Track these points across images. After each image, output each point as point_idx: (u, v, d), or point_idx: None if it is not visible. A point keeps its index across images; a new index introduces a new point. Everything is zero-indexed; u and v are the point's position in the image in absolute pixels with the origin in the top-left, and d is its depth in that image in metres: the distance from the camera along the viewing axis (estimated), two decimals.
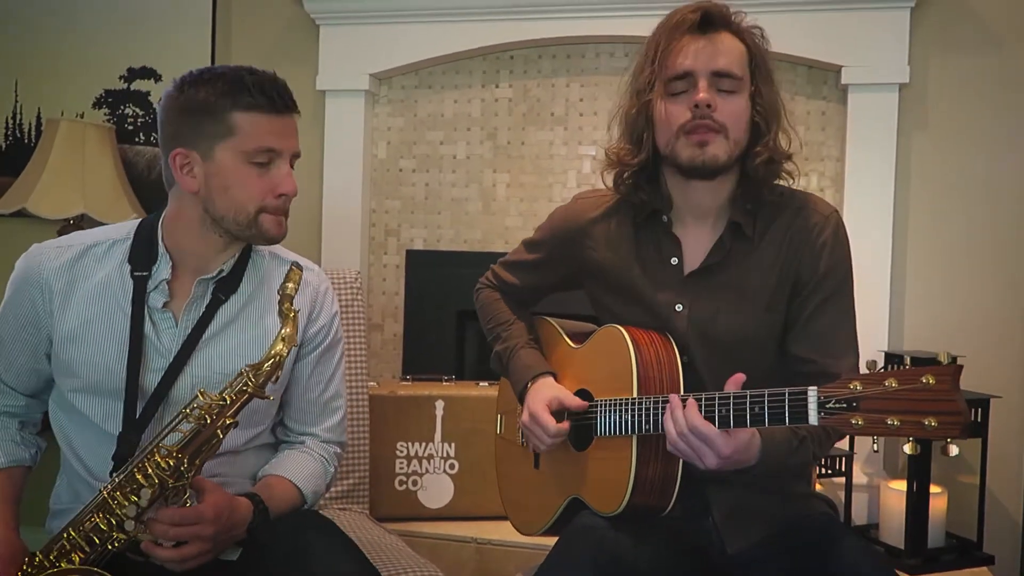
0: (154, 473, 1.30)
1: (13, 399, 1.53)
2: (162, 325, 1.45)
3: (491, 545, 2.28)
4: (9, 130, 3.08)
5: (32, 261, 1.47)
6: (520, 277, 1.68)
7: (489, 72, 2.78)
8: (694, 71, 1.36)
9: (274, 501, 1.44)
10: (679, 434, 1.24)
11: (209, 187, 1.40)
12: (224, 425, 1.31)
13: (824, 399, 1.12)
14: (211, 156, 1.38)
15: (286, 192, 1.41)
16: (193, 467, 1.31)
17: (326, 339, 1.59)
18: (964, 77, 2.45)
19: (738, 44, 1.39)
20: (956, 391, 1.03)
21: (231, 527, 1.34)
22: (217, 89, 1.37)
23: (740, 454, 1.25)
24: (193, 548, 1.30)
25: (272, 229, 1.42)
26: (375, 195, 2.87)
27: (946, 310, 2.47)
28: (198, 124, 1.38)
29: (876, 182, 2.45)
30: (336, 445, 1.63)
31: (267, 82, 1.39)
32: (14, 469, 1.50)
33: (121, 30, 2.99)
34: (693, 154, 1.36)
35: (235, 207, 1.40)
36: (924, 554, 2.15)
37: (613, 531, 1.36)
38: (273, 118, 1.39)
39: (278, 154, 1.40)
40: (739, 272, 1.42)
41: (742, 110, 1.37)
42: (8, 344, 1.49)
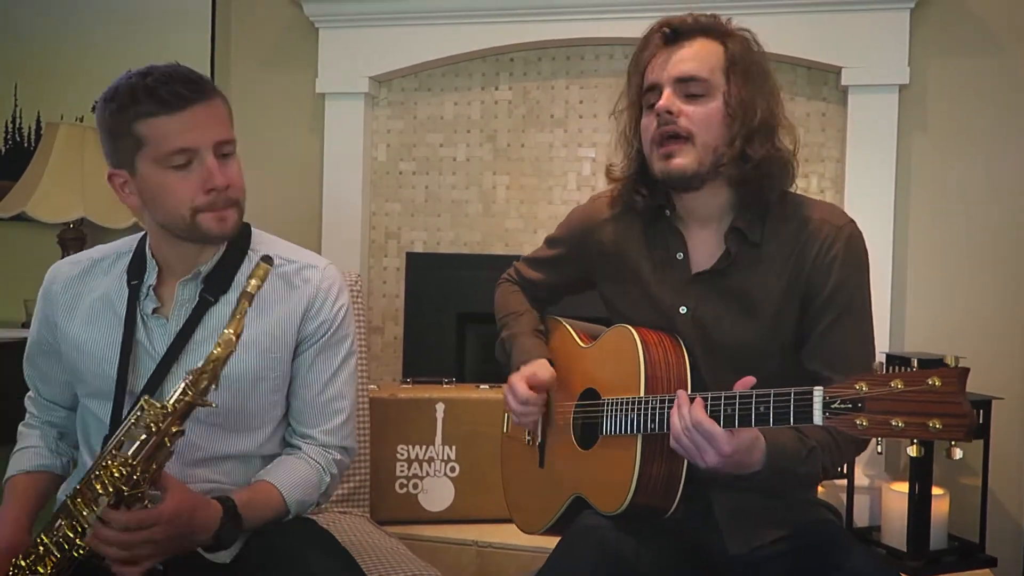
0: (109, 482, 1.28)
1: (54, 412, 1.58)
2: (156, 330, 1.45)
3: (492, 548, 2.27)
4: (8, 134, 3.08)
5: (48, 276, 1.54)
6: (541, 273, 1.70)
7: (489, 74, 2.78)
8: (659, 82, 1.38)
9: (252, 507, 1.39)
10: (683, 429, 1.23)
11: (144, 200, 1.39)
12: (172, 434, 1.27)
13: (829, 399, 1.12)
14: (136, 171, 1.37)
15: (215, 186, 1.35)
16: (147, 474, 1.28)
17: (325, 335, 1.53)
18: (964, 78, 2.45)
19: (713, 48, 1.38)
20: (962, 393, 1.02)
21: (192, 530, 1.30)
22: (116, 105, 1.34)
23: (742, 455, 1.23)
24: (145, 551, 1.26)
25: (213, 227, 1.38)
26: (375, 198, 2.87)
27: (947, 311, 2.46)
28: (114, 143, 1.37)
29: (876, 183, 2.45)
30: (337, 451, 1.56)
31: (158, 82, 1.32)
32: (40, 474, 1.52)
33: (120, 33, 2.99)
34: (662, 167, 1.38)
35: (171, 214, 1.37)
36: (926, 556, 2.15)
37: (615, 532, 1.35)
38: (173, 117, 1.32)
39: (193, 151, 1.34)
40: (745, 279, 1.41)
41: (711, 114, 1.36)
42: (38, 360, 1.56)
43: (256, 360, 1.46)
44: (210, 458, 1.46)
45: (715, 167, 1.37)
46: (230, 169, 1.39)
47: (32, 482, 1.51)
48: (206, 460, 1.46)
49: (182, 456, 1.41)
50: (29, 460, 1.53)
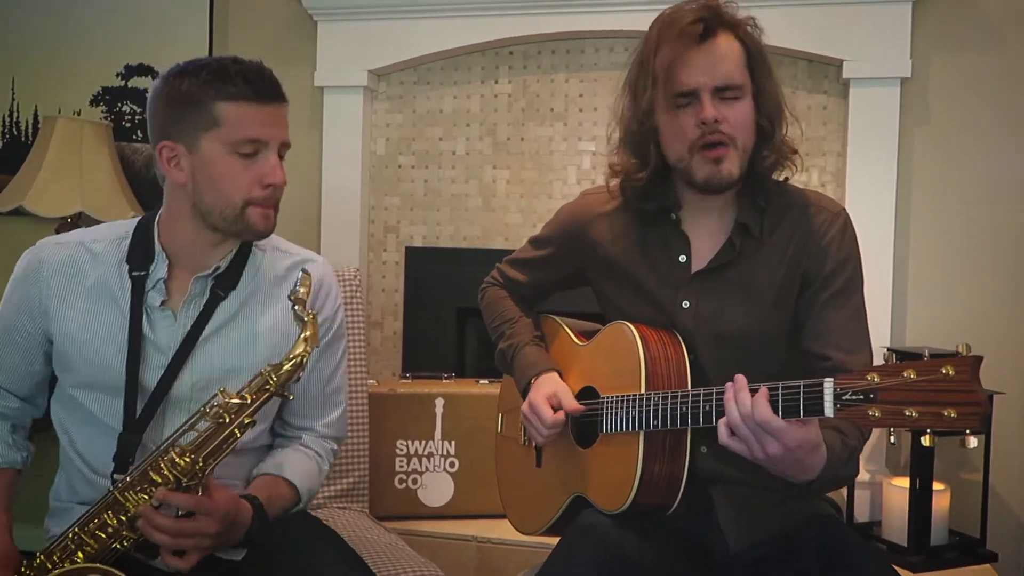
0: (168, 472, 1.29)
1: (6, 401, 1.52)
2: (161, 324, 1.44)
3: (491, 544, 2.27)
4: (6, 128, 3.07)
5: (32, 258, 1.48)
6: (527, 274, 1.67)
7: (488, 68, 2.76)
8: (697, 88, 1.35)
9: (272, 502, 1.43)
10: (743, 417, 1.16)
11: (196, 180, 1.38)
12: (242, 424, 1.30)
13: (840, 391, 1.10)
14: (197, 148, 1.37)
15: (274, 183, 1.39)
16: (208, 466, 1.30)
17: (328, 333, 1.55)
18: (966, 71, 2.43)
19: (735, 45, 1.37)
20: (976, 381, 1.01)
21: (233, 528, 1.33)
22: (200, 79, 1.35)
23: (805, 452, 1.17)
24: (193, 542, 1.28)
25: (259, 223, 1.40)
26: (374, 192, 2.86)
27: (949, 305, 2.46)
28: (183, 116, 1.36)
29: (878, 177, 2.44)
30: (334, 441, 1.61)
31: (251, 71, 1.36)
32: (5, 471, 1.50)
33: (118, 27, 2.97)
34: (710, 173, 1.36)
35: (222, 199, 1.38)
36: (927, 551, 2.14)
37: (617, 529, 1.35)
38: (258, 107, 1.36)
39: (264, 144, 1.37)
40: (746, 269, 1.41)
41: (747, 115, 1.37)
42: (3, 346, 1.49)
43: (262, 354, 1.46)
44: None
45: (750, 167, 1.39)
46: (282, 171, 1.41)
47: (1, 479, 1.48)
48: None
49: None
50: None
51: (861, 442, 1.33)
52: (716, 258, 1.42)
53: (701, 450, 1.39)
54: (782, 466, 1.19)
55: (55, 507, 1.52)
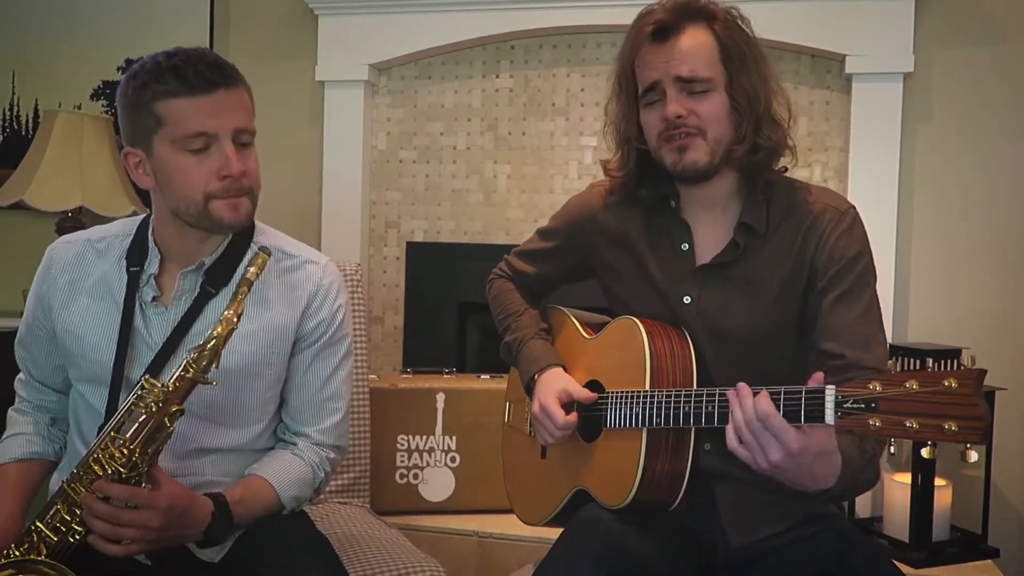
0: (107, 464, 1.28)
1: (46, 395, 1.56)
2: (154, 319, 1.44)
3: (493, 538, 2.27)
4: (6, 122, 3.06)
5: (46, 257, 1.52)
6: (535, 266, 1.67)
7: (489, 62, 2.76)
8: (659, 82, 1.36)
9: (245, 503, 1.39)
10: (746, 421, 1.16)
11: (159, 182, 1.38)
12: (171, 413, 1.28)
13: (842, 398, 1.09)
14: (152, 151, 1.36)
15: (230, 173, 1.34)
16: (146, 457, 1.28)
17: (325, 335, 1.53)
18: (969, 66, 2.43)
19: (705, 39, 1.36)
20: (979, 395, 1.00)
21: (184, 524, 1.30)
22: (140, 82, 1.33)
23: (810, 458, 1.15)
24: (132, 532, 1.26)
25: (226, 215, 1.36)
26: (375, 186, 2.85)
27: (950, 301, 2.45)
28: (134, 121, 1.35)
29: (880, 172, 2.43)
30: (331, 450, 1.56)
31: (185, 63, 1.31)
32: (32, 462, 1.51)
33: (119, 21, 2.97)
34: (674, 160, 1.37)
35: (183, 198, 1.36)
36: (929, 547, 2.14)
37: (618, 524, 1.35)
38: (196, 99, 1.31)
39: (213, 136, 1.33)
40: (749, 266, 1.41)
41: (718, 108, 1.36)
42: (30, 342, 1.53)
43: (254, 354, 1.45)
44: (202, 450, 1.45)
45: (727, 157, 1.38)
46: (247, 158, 1.38)
47: (24, 470, 1.49)
48: (199, 452, 1.45)
49: (174, 448, 1.41)
50: (20, 448, 1.51)
51: (880, 448, 1.31)
52: (720, 255, 1.41)
53: (705, 447, 1.39)
54: (790, 474, 1.17)
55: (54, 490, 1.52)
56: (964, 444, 2.06)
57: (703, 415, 1.27)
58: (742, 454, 1.18)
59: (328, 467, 1.55)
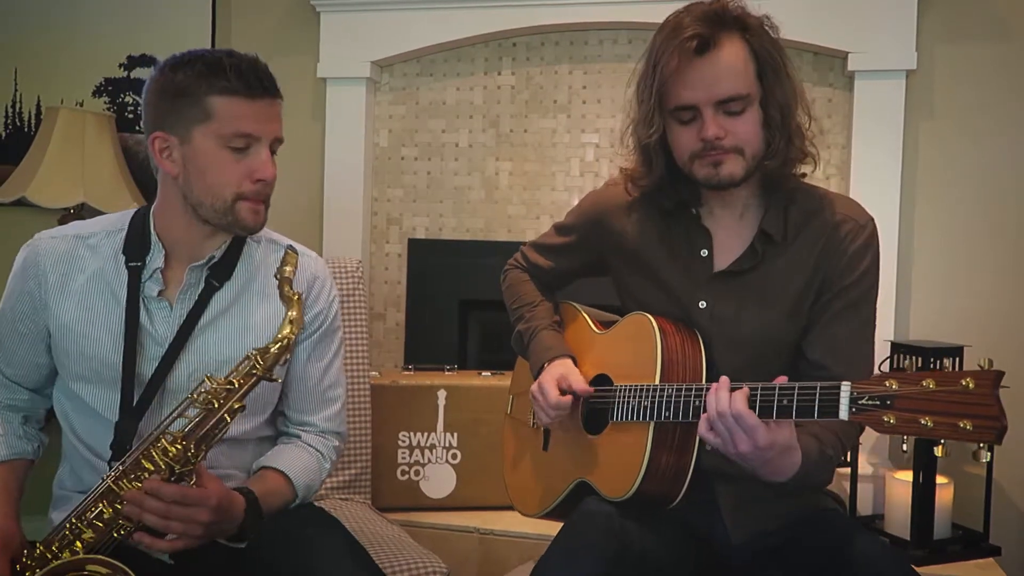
0: (160, 460, 1.29)
1: (17, 393, 1.53)
2: (158, 314, 1.44)
3: (494, 535, 2.27)
4: (9, 119, 3.06)
5: (30, 252, 1.48)
6: (549, 260, 1.68)
7: (491, 59, 2.75)
8: (697, 104, 1.33)
9: (267, 497, 1.42)
10: (719, 414, 1.19)
11: (187, 171, 1.39)
12: (231, 409, 1.31)
13: (857, 395, 1.10)
14: (189, 140, 1.37)
15: (264, 178, 1.39)
16: (200, 452, 1.30)
17: (322, 326, 1.56)
18: (972, 64, 2.42)
19: (740, 53, 1.33)
20: (995, 396, 1.02)
21: (226, 519, 1.32)
22: (195, 72, 1.35)
23: (777, 455, 1.20)
24: (181, 527, 1.27)
25: (248, 217, 1.40)
26: (377, 183, 2.85)
27: (953, 299, 2.45)
28: (176, 107, 1.37)
29: (882, 170, 2.43)
30: (334, 437, 1.60)
31: (245, 65, 1.37)
32: (16, 462, 1.50)
33: (121, 18, 2.97)
34: (708, 174, 1.36)
35: (212, 193, 1.38)
36: (930, 545, 2.14)
37: (619, 519, 1.35)
38: (250, 102, 1.36)
39: (256, 139, 1.38)
40: (766, 274, 1.40)
41: (754, 124, 1.35)
42: (8, 338, 1.50)
43: (254, 343, 1.44)
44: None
45: (758, 167, 1.38)
46: (273, 167, 1.42)
47: (7, 473, 1.48)
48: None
49: None
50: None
51: (838, 452, 1.33)
52: (737, 262, 1.41)
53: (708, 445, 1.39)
54: (753, 464, 1.21)
55: (59, 495, 1.53)
56: (978, 444, 2.07)
57: None
58: (712, 440, 1.22)
59: (333, 455, 1.59)
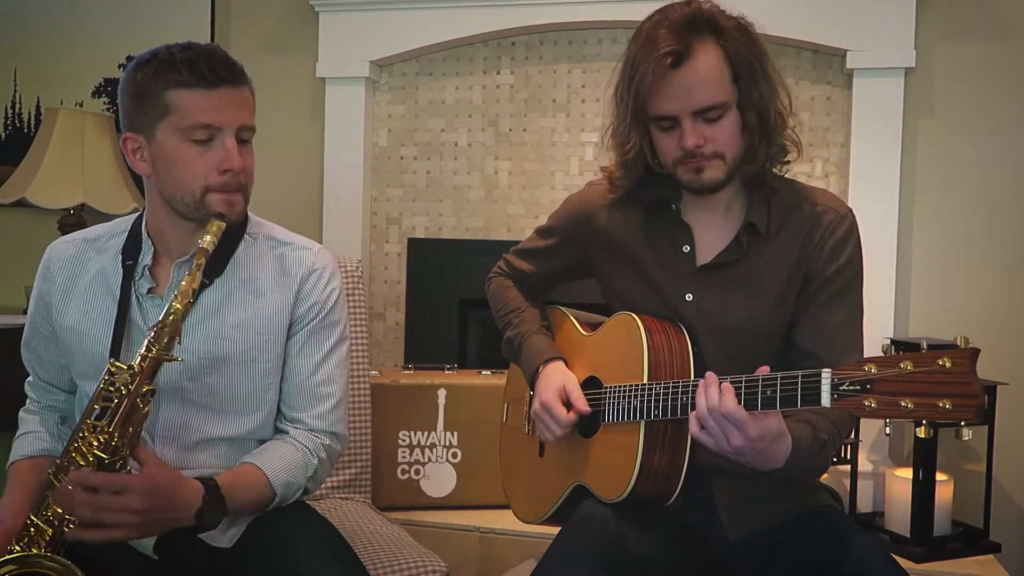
0: (88, 451, 1.28)
1: (53, 395, 1.56)
2: (151, 311, 1.44)
3: (494, 534, 2.27)
4: (8, 119, 3.07)
5: (45, 256, 1.53)
6: (533, 264, 1.67)
7: (490, 58, 2.76)
8: (675, 115, 1.34)
9: (236, 488, 1.38)
10: (709, 410, 1.19)
11: (157, 169, 1.39)
12: (142, 393, 1.28)
13: (838, 381, 1.10)
14: (154, 138, 1.38)
15: (231, 167, 1.37)
16: (125, 439, 1.28)
17: (316, 318, 1.52)
18: (971, 61, 2.43)
19: (715, 61, 1.33)
20: (973, 374, 1.02)
21: (170, 507, 1.28)
22: (151, 70, 1.35)
23: (768, 444, 1.20)
24: (115, 516, 1.24)
25: (220, 209, 1.38)
26: (376, 183, 2.86)
27: (952, 297, 2.45)
28: (140, 107, 1.37)
29: (882, 168, 2.43)
30: (325, 436, 1.54)
31: (199, 56, 1.35)
32: (41, 458, 1.51)
33: (120, 18, 2.97)
34: (691, 179, 1.38)
35: (181, 187, 1.38)
36: (930, 542, 2.14)
37: (616, 520, 1.35)
38: (206, 92, 1.35)
39: (219, 129, 1.37)
40: (751, 266, 1.41)
41: (732, 129, 1.36)
42: (35, 342, 1.54)
43: (249, 342, 1.46)
44: (204, 440, 1.46)
45: (739, 168, 1.39)
46: (246, 155, 1.41)
47: (34, 467, 1.50)
48: (200, 443, 1.45)
49: (176, 439, 1.43)
50: (30, 445, 1.52)
51: (835, 437, 1.33)
52: (722, 254, 1.42)
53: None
54: (747, 456, 1.22)
55: None
56: (959, 422, 2.06)
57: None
58: (703, 439, 1.22)
59: (323, 453, 1.52)
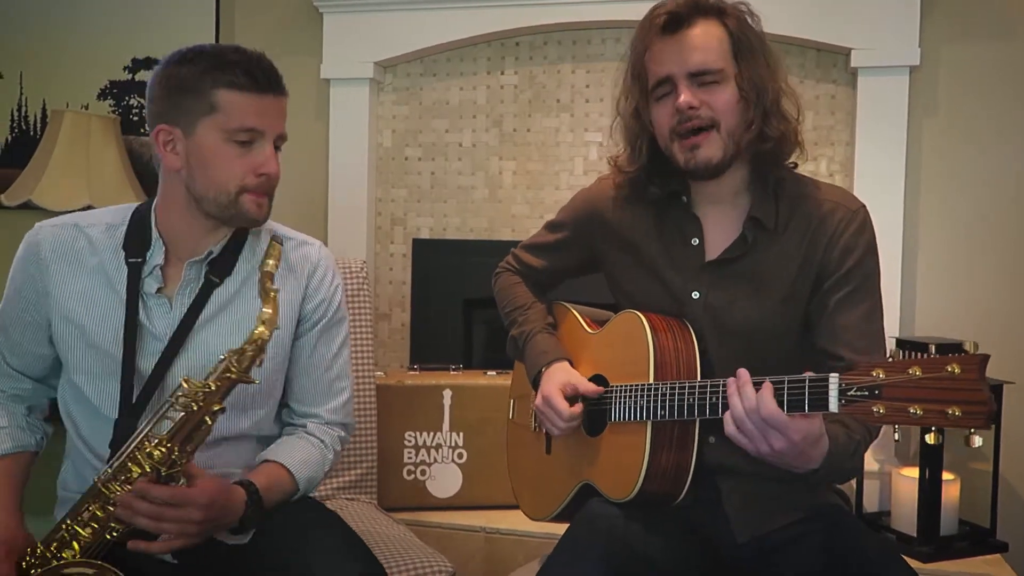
0: (146, 462, 1.30)
1: (21, 383, 1.53)
2: (157, 311, 1.44)
3: (500, 534, 2.27)
4: (14, 122, 3.08)
5: (32, 240, 1.49)
6: (542, 259, 1.68)
7: (494, 59, 2.76)
8: (671, 75, 1.36)
9: (271, 491, 1.42)
10: (747, 412, 1.16)
11: (191, 165, 1.39)
12: (212, 412, 1.31)
13: (846, 386, 1.10)
14: (193, 133, 1.38)
15: (267, 172, 1.40)
16: (185, 454, 1.31)
17: (326, 315, 1.56)
18: (976, 60, 2.42)
19: (715, 31, 1.36)
20: (982, 380, 1.00)
21: (223, 515, 1.33)
22: (201, 66, 1.36)
23: (807, 446, 1.17)
24: (177, 528, 1.28)
25: (252, 210, 1.41)
26: (381, 184, 2.86)
27: (958, 296, 2.44)
28: (181, 101, 1.38)
29: (886, 167, 2.43)
30: (340, 428, 1.60)
31: (252, 61, 1.38)
32: (20, 455, 1.50)
33: (125, 21, 2.98)
34: (686, 158, 1.38)
35: (215, 186, 1.39)
36: (937, 542, 2.14)
37: (624, 519, 1.35)
38: (256, 97, 1.37)
39: (260, 134, 1.39)
40: (758, 262, 1.40)
41: (729, 99, 1.36)
42: (12, 327, 1.50)
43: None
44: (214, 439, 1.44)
45: (737, 151, 1.38)
46: (276, 162, 1.43)
47: (11, 466, 1.49)
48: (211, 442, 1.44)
49: None
50: (1, 443, 1.49)
51: (867, 438, 1.32)
52: (728, 251, 1.41)
53: (709, 440, 1.39)
54: (787, 459, 1.19)
55: (63, 496, 1.53)
56: (968, 429, 2.05)
57: (707, 406, 1.27)
58: (741, 442, 1.19)
59: (339, 446, 1.59)
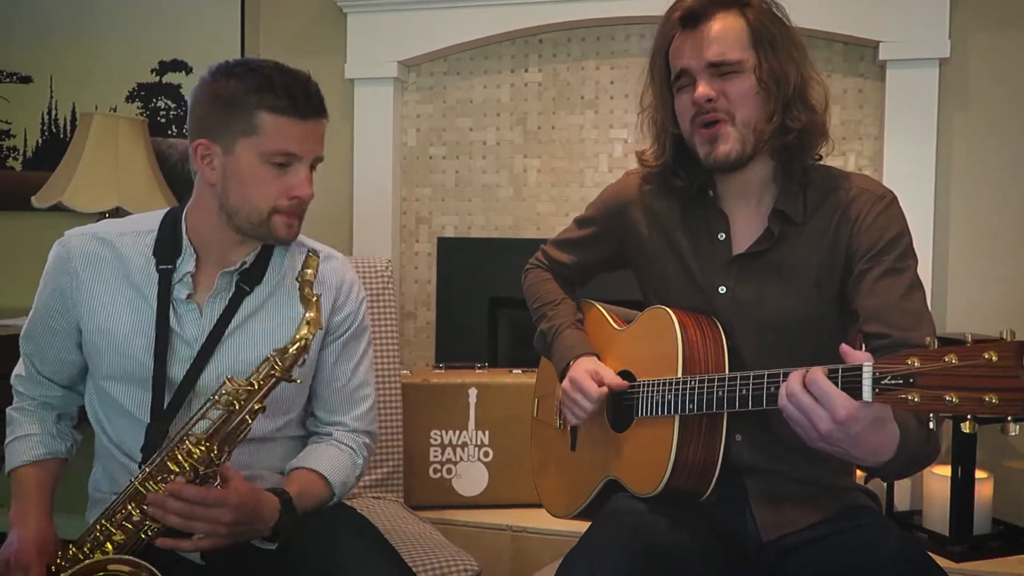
0: (185, 461, 1.31)
1: (50, 390, 1.55)
2: (187, 317, 1.46)
3: (526, 533, 2.27)
4: (45, 125, 3.12)
5: (62, 249, 1.50)
6: (571, 254, 1.67)
7: (518, 57, 2.75)
8: (689, 68, 1.37)
9: (303, 497, 1.43)
10: (790, 393, 1.11)
11: (226, 181, 1.41)
12: (252, 410, 1.33)
13: (880, 375, 1.06)
14: (232, 151, 1.39)
15: (300, 196, 1.42)
16: (223, 453, 1.32)
17: (351, 327, 1.58)
18: (1007, 51, 2.38)
19: (734, 23, 1.36)
20: (1020, 367, 0.98)
21: (253, 520, 1.33)
22: (247, 85, 1.37)
23: (861, 427, 1.09)
24: (208, 527, 1.29)
25: (281, 231, 1.43)
26: (405, 183, 2.87)
27: (990, 292, 2.41)
28: (224, 117, 1.38)
29: (916, 161, 2.39)
30: (365, 435, 1.62)
31: (297, 84, 1.38)
32: (49, 461, 1.52)
33: (152, 23, 3.01)
34: (706, 152, 1.37)
35: (249, 204, 1.41)
36: (969, 541, 2.11)
37: (647, 516, 1.34)
38: (297, 122, 1.38)
39: (298, 158, 1.40)
40: (785, 254, 1.39)
41: (747, 90, 1.35)
42: (41, 335, 1.52)
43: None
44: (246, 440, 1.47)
45: (758, 144, 1.37)
46: (310, 185, 1.45)
47: (41, 473, 1.50)
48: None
49: None
50: (33, 449, 1.51)
51: (938, 426, 1.21)
52: (754, 245, 1.40)
53: (736, 438, 1.38)
54: (843, 445, 1.11)
55: (95, 497, 1.55)
56: (1005, 417, 2.01)
57: (736, 399, 1.26)
58: (793, 415, 1.13)
59: (366, 452, 1.61)
